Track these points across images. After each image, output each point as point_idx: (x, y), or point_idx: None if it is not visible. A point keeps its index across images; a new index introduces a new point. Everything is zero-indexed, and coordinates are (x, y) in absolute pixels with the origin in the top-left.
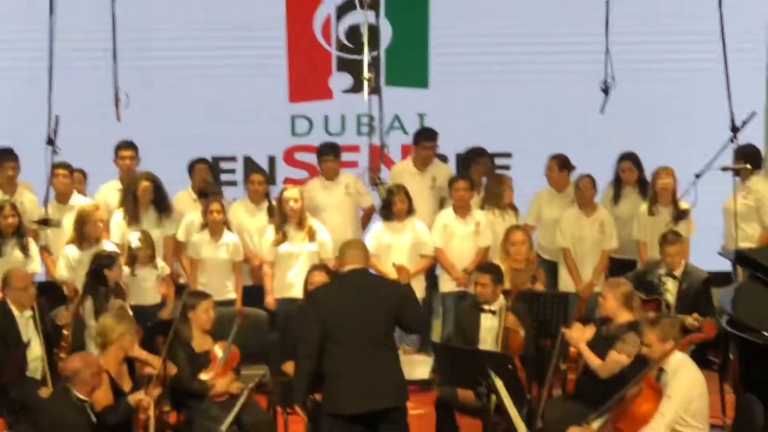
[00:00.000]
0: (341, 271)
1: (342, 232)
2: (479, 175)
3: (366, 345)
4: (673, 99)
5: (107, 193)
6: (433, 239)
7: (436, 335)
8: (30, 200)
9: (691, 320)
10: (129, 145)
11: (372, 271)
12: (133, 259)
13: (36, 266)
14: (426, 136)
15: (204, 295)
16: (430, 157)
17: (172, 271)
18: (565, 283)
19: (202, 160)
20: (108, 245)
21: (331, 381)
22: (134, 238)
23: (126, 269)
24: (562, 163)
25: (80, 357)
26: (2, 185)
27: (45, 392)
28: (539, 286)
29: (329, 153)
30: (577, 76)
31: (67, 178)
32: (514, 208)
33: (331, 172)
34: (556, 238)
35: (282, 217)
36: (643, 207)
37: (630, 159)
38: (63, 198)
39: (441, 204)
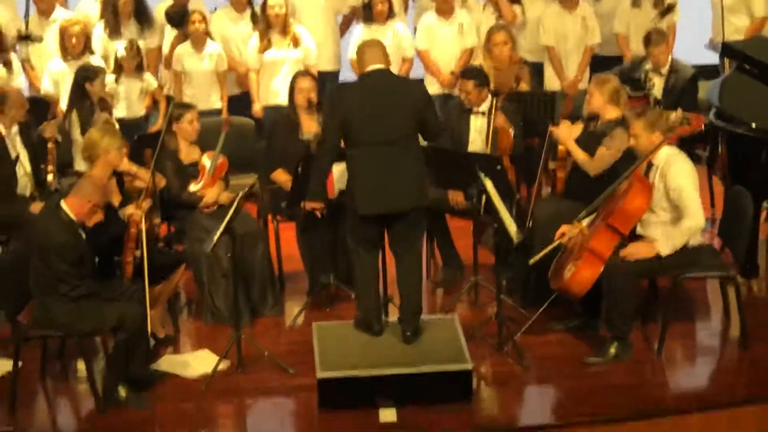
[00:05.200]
0: (363, 71)
1: (321, 36)
2: None
3: (385, 146)
4: None
5: (87, 5)
6: (417, 42)
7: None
8: (4, 16)
9: (675, 116)
10: None
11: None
12: (119, 68)
13: (19, 81)
14: None
15: (188, 106)
16: None
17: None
18: (551, 82)
19: None
20: (93, 59)
21: (350, 180)
22: (121, 47)
23: (112, 79)
24: None
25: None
26: None
27: (36, 207)
28: (524, 87)
29: None
30: None
31: None
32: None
33: None
34: (539, 36)
35: (266, 24)
36: (627, 0)
37: None
38: (44, 12)
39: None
